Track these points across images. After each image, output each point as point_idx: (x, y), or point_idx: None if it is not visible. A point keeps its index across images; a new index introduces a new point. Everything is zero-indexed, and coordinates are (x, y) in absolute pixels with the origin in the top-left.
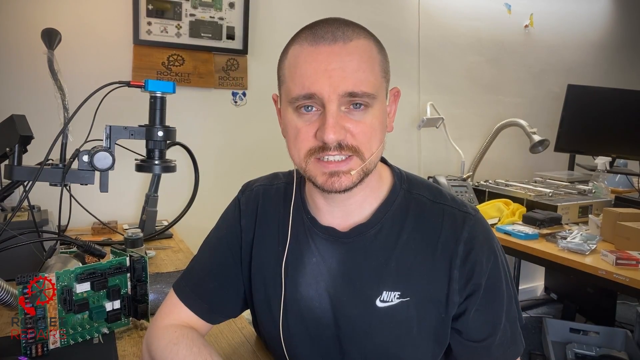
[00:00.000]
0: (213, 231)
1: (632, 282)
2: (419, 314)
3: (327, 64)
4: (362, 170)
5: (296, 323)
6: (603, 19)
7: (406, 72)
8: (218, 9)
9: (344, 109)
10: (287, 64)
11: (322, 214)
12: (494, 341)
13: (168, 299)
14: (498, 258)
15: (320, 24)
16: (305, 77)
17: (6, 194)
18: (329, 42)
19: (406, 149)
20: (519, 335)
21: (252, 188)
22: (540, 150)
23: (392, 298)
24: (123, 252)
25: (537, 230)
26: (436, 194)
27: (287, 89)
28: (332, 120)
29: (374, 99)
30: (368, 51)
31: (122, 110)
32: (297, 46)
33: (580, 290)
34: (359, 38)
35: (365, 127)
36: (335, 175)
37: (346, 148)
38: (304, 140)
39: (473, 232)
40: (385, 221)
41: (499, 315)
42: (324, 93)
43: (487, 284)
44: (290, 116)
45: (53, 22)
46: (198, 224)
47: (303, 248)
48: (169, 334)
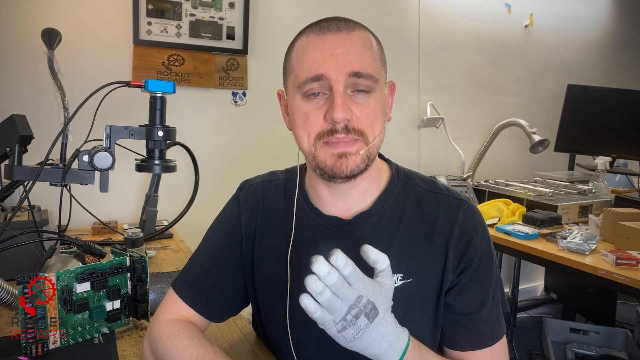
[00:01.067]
0: (211, 228)
1: (632, 282)
2: (421, 295)
3: (333, 49)
4: (367, 155)
5: (302, 313)
6: (603, 19)
7: (406, 72)
8: (218, 9)
9: (350, 92)
10: (294, 54)
11: (325, 205)
12: (481, 316)
13: (167, 296)
14: (490, 242)
15: (325, 20)
16: (313, 61)
17: (6, 194)
18: (334, 32)
19: (406, 149)
20: (502, 318)
21: (251, 184)
22: (540, 150)
23: (395, 280)
24: (123, 252)
25: (537, 230)
26: (431, 184)
27: (294, 77)
28: (340, 100)
29: (376, 83)
30: (369, 41)
31: (122, 110)
32: (304, 37)
33: (580, 290)
34: (360, 30)
35: (368, 111)
36: (343, 157)
37: (352, 131)
38: (313, 124)
39: (467, 216)
40: (386, 209)
41: (487, 293)
42: (331, 74)
43: (479, 262)
44: (299, 102)
45: (53, 22)
46: (198, 224)
47: (307, 240)
48: (169, 327)
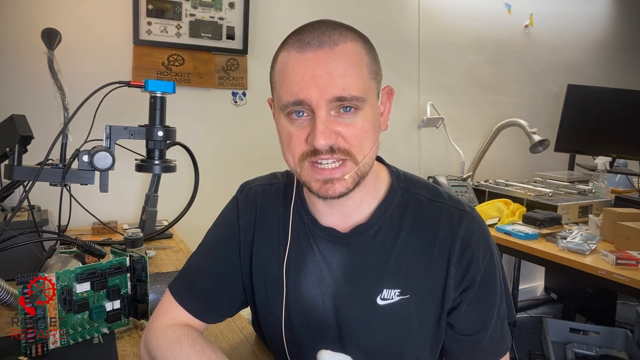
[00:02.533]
0: (210, 231)
1: (632, 282)
2: (419, 311)
3: (314, 70)
4: (356, 174)
5: (298, 322)
6: (603, 19)
7: (406, 72)
8: (218, 9)
9: (334, 113)
10: (276, 70)
11: (321, 215)
12: (485, 336)
13: (164, 299)
14: (493, 255)
15: (307, 29)
16: (294, 84)
17: (6, 194)
18: (315, 48)
19: (406, 149)
20: (507, 332)
21: (250, 187)
22: (540, 150)
23: (392, 296)
24: (123, 252)
25: (537, 230)
26: (433, 192)
27: (277, 96)
28: (322, 126)
29: (364, 102)
30: (355, 54)
31: (122, 110)
32: (284, 53)
33: (580, 290)
34: (345, 42)
35: (356, 130)
36: (329, 182)
37: (338, 151)
38: (296, 145)
39: (470, 230)
40: (384, 220)
41: (491, 311)
42: (312, 99)
43: (482, 280)
44: (283, 122)
45: (53, 22)
46: (198, 224)
47: (304, 248)
48: (168, 334)
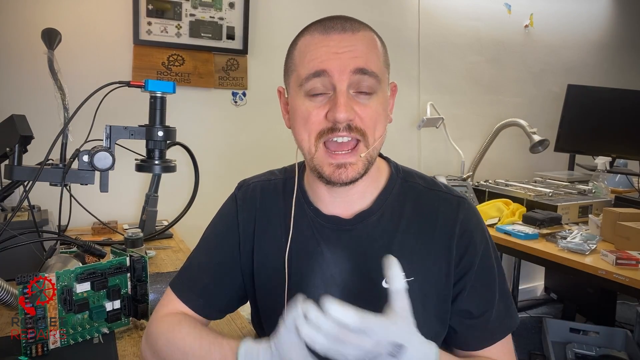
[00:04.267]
0: (209, 227)
1: (632, 282)
2: (423, 293)
3: (337, 48)
4: (367, 159)
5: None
6: (603, 19)
7: (406, 72)
8: (218, 9)
9: (352, 92)
10: (296, 52)
11: (324, 205)
12: (491, 315)
13: (165, 296)
14: (489, 240)
15: (329, 18)
16: (317, 58)
17: (6, 194)
18: (339, 31)
19: (406, 149)
20: (513, 310)
21: (249, 184)
22: (540, 150)
23: None
24: (123, 252)
25: (537, 230)
26: (430, 182)
27: (297, 75)
28: (343, 99)
29: (379, 84)
30: (373, 42)
31: (122, 110)
32: (307, 36)
33: (580, 290)
34: (365, 30)
35: (371, 111)
36: (342, 167)
37: (354, 130)
38: (314, 123)
39: (468, 215)
40: (386, 207)
41: (492, 291)
42: (334, 71)
43: (480, 263)
44: (301, 100)
45: (53, 22)
46: (198, 224)
47: (307, 238)
48: (168, 320)
